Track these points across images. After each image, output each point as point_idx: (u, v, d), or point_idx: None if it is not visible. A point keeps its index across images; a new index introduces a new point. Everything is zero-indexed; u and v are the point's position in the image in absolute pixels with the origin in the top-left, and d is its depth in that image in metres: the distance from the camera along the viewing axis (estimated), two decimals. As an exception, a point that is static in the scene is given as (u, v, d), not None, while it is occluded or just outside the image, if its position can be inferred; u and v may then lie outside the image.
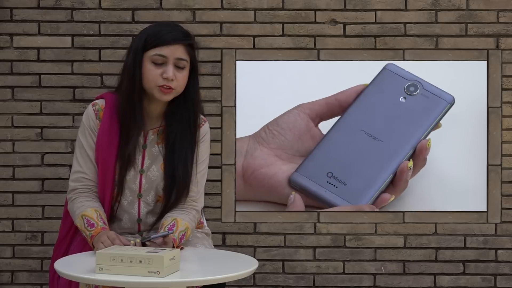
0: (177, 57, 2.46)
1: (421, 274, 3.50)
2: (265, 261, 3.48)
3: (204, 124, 2.60)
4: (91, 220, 2.44)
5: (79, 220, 2.46)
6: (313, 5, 3.47)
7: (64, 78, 3.48)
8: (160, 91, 2.47)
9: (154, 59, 2.46)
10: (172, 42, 2.46)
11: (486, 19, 3.47)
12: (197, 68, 2.54)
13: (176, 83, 2.46)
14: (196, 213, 2.57)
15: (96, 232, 2.41)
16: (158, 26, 2.54)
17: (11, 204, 3.48)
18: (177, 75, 2.46)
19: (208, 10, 3.47)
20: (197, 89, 2.54)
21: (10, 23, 3.46)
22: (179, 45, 2.47)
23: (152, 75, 2.46)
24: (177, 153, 2.52)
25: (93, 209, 2.47)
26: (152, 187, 2.54)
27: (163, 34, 2.47)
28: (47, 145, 3.48)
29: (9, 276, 3.49)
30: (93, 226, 2.43)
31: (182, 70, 2.48)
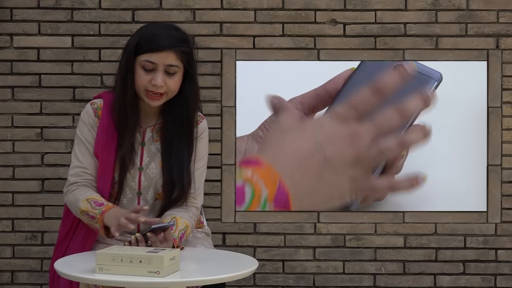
0: (167, 64, 2.45)
1: (421, 274, 3.50)
2: (265, 261, 3.48)
3: (202, 121, 2.60)
4: (98, 201, 2.45)
5: (84, 203, 2.45)
6: (313, 5, 3.48)
7: (64, 78, 3.48)
8: (147, 97, 2.47)
9: (143, 64, 2.45)
10: (162, 48, 2.44)
11: (486, 19, 3.47)
12: (193, 71, 2.51)
13: (166, 89, 2.46)
14: (195, 210, 2.57)
15: (108, 208, 2.41)
16: (154, 28, 2.50)
17: (11, 204, 3.49)
18: (167, 81, 2.46)
19: (208, 10, 3.48)
20: (193, 89, 2.53)
21: (10, 23, 3.47)
22: (170, 52, 2.45)
23: (141, 81, 2.46)
24: (174, 151, 2.52)
25: (98, 195, 2.48)
26: (151, 185, 2.55)
27: (155, 40, 2.45)
28: (47, 145, 3.48)
29: (9, 276, 3.49)
30: (102, 204, 2.43)
31: (173, 75, 2.46)
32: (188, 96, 2.52)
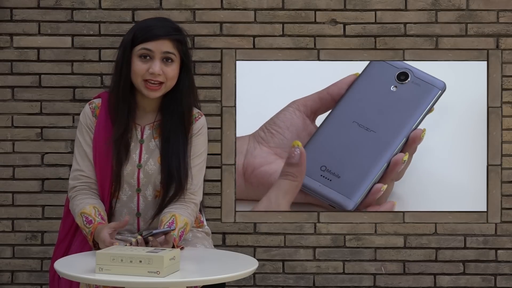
0: (164, 51, 2.47)
1: (421, 274, 3.50)
2: (265, 261, 3.48)
3: (200, 118, 2.61)
4: (89, 217, 2.46)
5: (78, 218, 2.48)
6: (313, 5, 3.48)
7: (64, 78, 3.48)
8: (146, 88, 2.49)
9: (140, 53, 2.48)
10: (158, 37, 2.47)
11: (486, 19, 3.47)
12: (189, 64, 2.54)
13: (164, 77, 2.48)
14: (194, 207, 2.57)
15: (94, 228, 2.42)
16: (148, 21, 2.56)
17: (11, 204, 3.49)
18: (164, 69, 2.48)
19: (208, 10, 3.48)
20: (189, 84, 2.55)
21: (10, 23, 3.47)
22: (166, 40, 2.48)
23: (139, 70, 2.48)
24: (171, 147, 2.53)
25: (91, 206, 2.48)
26: (150, 181, 2.55)
27: (150, 29, 2.48)
28: (47, 145, 3.48)
29: (9, 276, 3.49)
30: (91, 222, 2.44)
31: (171, 63, 2.49)
32: (185, 88, 2.54)
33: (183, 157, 2.53)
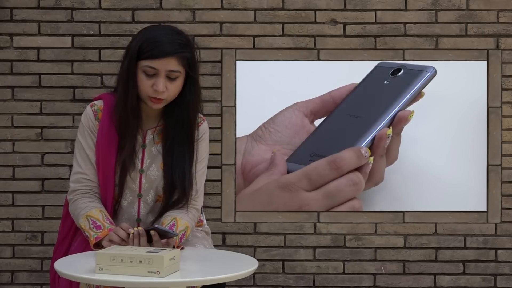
0: (169, 70, 2.44)
1: (421, 274, 3.50)
2: (265, 261, 3.48)
3: (202, 123, 2.60)
4: (97, 222, 2.44)
5: (83, 220, 2.46)
6: (313, 5, 3.48)
7: (64, 78, 3.48)
8: (150, 101, 2.47)
9: (145, 70, 2.45)
10: (164, 55, 2.43)
11: (486, 19, 3.47)
12: (195, 75, 2.51)
13: (166, 94, 2.46)
14: (195, 212, 2.57)
15: (104, 234, 2.41)
16: (155, 32, 2.49)
17: (11, 204, 3.49)
18: (168, 87, 2.45)
19: (208, 10, 3.47)
20: (194, 92, 2.52)
21: (10, 23, 3.46)
22: (172, 58, 2.44)
23: (143, 86, 2.45)
24: (176, 154, 2.52)
25: (97, 210, 2.47)
26: (152, 187, 2.54)
27: (157, 46, 2.43)
28: (47, 145, 3.48)
29: (9, 276, 3.49)
30: (100, 228, 2.43)
31: (174, 80, 2.46)
32: (190, 99, 2.51)
33: (188, 165, 2.53)
